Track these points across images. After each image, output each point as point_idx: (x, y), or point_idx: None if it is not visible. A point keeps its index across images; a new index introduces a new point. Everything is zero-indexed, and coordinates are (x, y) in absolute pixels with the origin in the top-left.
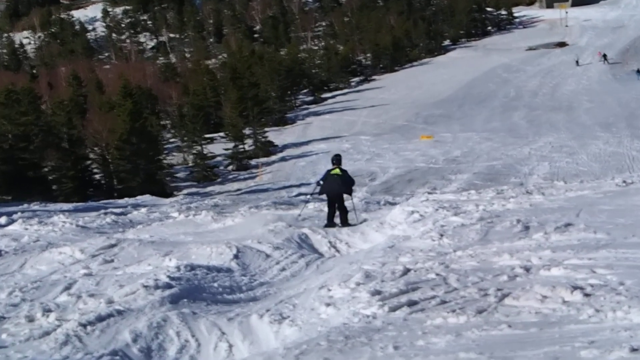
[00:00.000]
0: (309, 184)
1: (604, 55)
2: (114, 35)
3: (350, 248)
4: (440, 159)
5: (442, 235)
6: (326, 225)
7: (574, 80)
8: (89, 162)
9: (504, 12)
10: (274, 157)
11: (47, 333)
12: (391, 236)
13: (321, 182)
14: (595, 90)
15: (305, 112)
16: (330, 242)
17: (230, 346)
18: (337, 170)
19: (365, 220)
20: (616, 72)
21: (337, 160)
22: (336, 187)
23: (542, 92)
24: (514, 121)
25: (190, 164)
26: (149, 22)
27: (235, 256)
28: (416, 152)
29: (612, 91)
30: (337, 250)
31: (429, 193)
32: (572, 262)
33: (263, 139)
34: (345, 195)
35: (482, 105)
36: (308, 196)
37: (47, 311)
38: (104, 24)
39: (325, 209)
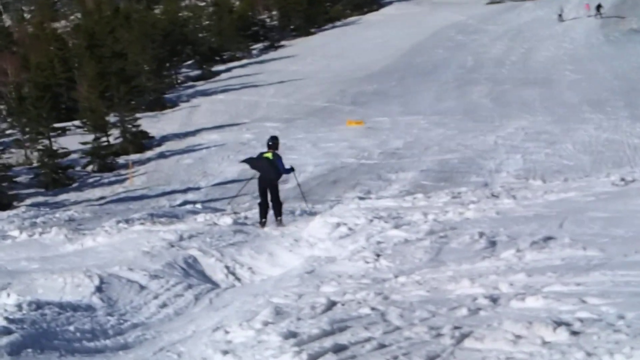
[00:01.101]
0: (198, 189)
1: (598, 6)
2: None
3: (255, 274)
4: (374, 153)
5: (378, 256)
6: (260, 223)
7: (552, 44)
8: None
9: None
10: (149, 153)
11: None
12: (310, 258)
13: (250, 158)
14: (583, 56)
15: (190, 91)
16: (227, 267)
17: None
18: (270, 155)
19: (313, 212)
20: (609, 32)
21: (273, 143)
22: (265, 171)
23: (511, 60)
24: (473, 100)
25: (35, 164)
26: None
27: (98, 289)
28: (342, 143)
29: (605, 58)
30: (237, 278)
31: (361, 198)
32: (554, 288)
33: (134, 129)
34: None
35: (430, 78)
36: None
37: None
38: None
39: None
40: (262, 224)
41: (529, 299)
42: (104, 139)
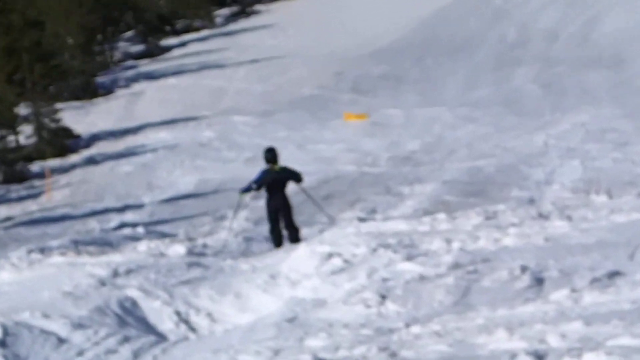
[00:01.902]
0: (140, 207)
1: None
2: None
3: (216, 323)
4: (382, 158)
5: (384, 297)
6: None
7: (624, 11)
8: None
9: None
10: (74, 158)
11: None
12: (291, 300)
13: (254, 187)
14: None
15: (131, 73)
16: (178, 313)
17: None
18: (277, 168)
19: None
20: None
21: (271, 155)
22: (282, 177)
23: (567, 32)
24: (516, 86)
25: None
26: None
27: (1, 343)
28: (338, 144)
29: None
30: (192, 328)
31: (362, 220)
32: (620, 342)
33: (53, 125)
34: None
35: (458, 57)
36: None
37: None
38: None
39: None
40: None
41: (587, 356)
42: (12, 138)
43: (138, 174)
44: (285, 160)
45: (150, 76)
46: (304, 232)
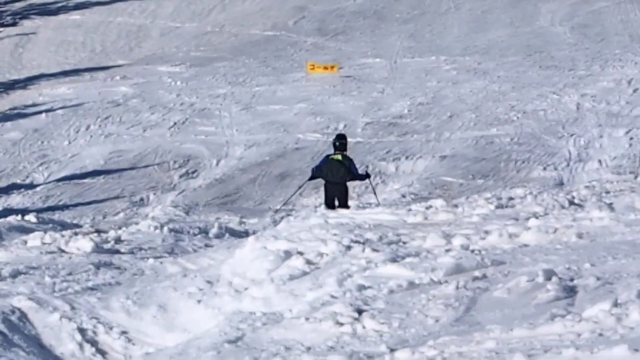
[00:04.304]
0: (30, 187)
1: None
2: None
3: (134, 345)
4: (358, 124)
5: (360, 313)
6: None
7: None
8: None
9: None
10: None
11: None
12: (235, 315)
13: (314, 169)
14: None
15: (19, 5)
16: (82, 331)
17: None
18: (339, 157)
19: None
20: None
21: (341, 143)
22: (337, 174)
23: None
24: (540, 27)
25: None
26: None
27: None
28: (299, 104)
29: None
30: (101, 351)
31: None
32: None
33: None
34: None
35: None
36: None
37: None
38: None
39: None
40: None
41: None
42: None
43: (28, 142)
44: (226, 125)
45: (46, 11)
46: (251, 221)
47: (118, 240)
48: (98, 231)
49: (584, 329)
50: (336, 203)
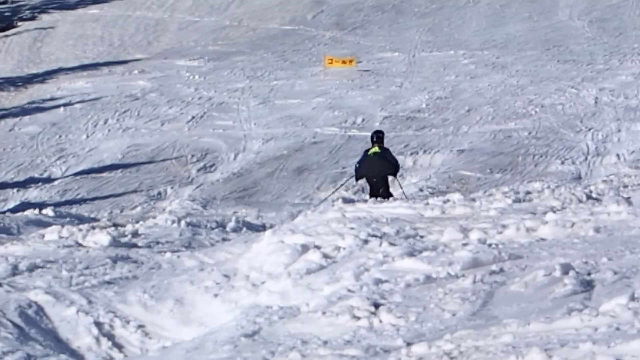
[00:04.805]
0: (48, 181)
1: None
2: None
3: (151, 339)
4: (376, 117)
5: (377, 307)
6: None
7: None
8: None
9: None
10: None
11: None
12: (252, 309)
13: (357, 166)
14: None
15: (37, 0)
16: (98, 325)
17: None
18: (376, 149)
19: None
20: None
21: (377, 137)
22: (378, 168)
23: None
24: (558, 21)
25: None
26: None
27: None
28: (317, 99)
29: None
30: (117, 345)
31: (347, 201)
32: None
33: None
34: (390, 179)
35: None
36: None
37: None
38: None
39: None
40: None
41: None
42: None
43: (46, 136)
44: (244, 119)
45: (64, 5)
46: (268, 215)
47: (135, 234)
48: (115, 225)
49: (601, 323)
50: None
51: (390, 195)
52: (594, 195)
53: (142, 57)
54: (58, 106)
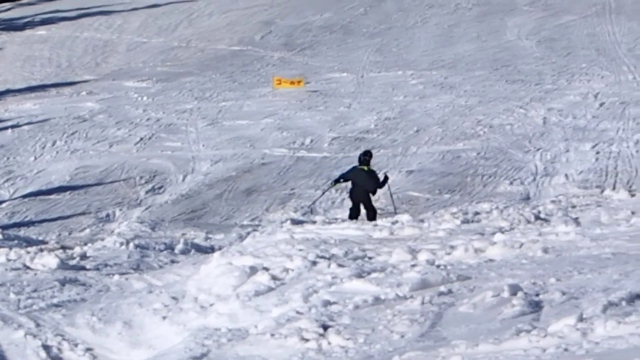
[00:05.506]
0: None
1: None
2: None
3: None
4: (325, 138)
5: (326, 328)
6: None
7: None
8: None
9: None
10: None
11: None
12: (200, 331)
13: (341, 180)
14: None
15: None
16: (46, 348)
17: None
18: (365, 168)
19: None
20: None
21: (365, 159)
22: (364, 180)
23: None
24: (507, 41)
25: None
26: None
27: None
28: (266, 120)
29: None
30: None
31: (297, 222)
32: None
33: None
34: (370, 195)
35: (430, 2)
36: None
37: None
38: None
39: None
40: None
41: None
42: None
43: None
44: (192, 140)
45: (12, 26)
46: (217, 237)
47: (84, 256)
48: (64, 247)
49: (550, 344)
50: (362, 210)
51: (373, 208)
52: (542, 215)
53: (91, 79)
54: (5, 128)
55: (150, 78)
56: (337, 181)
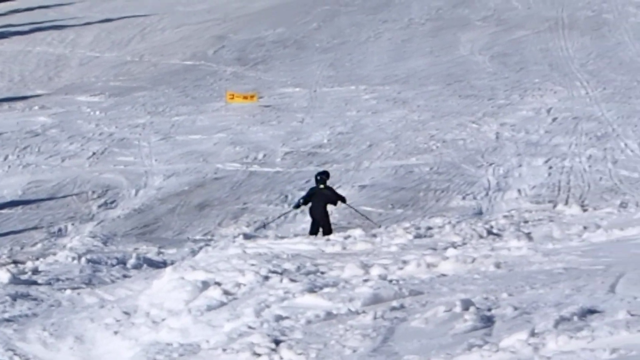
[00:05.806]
0: None
1: None
2: None
3: None
4: (277, 153)
5: (278, 343)
6: None
7: None
8: None
9: None
10: None
11: None
12: (152, 346)
13: (301, 202)
14: None
15: None
16: None
17: None
18: (323, 187)
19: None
20: None
21: (321, 178)
22: (325, 198)
23: None
24: (460, 56)
25: None
26: None
27: None
28: (218, 134)
29: None
30: None
31: (249, 237)
32: None
33: None
34: (331, 207)
35: (383, 17)
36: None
37: None
38: None
39: None
40: None
41: None
42: None
43: None
44: (145, 155)
45: None
46: (169, 251)
47: (35, 271)
48: (15, 262)
49: (502, 358)
50: (320, 230)
51: (330, 230)
52: (494, 230)
53: (43, 93)
54: None
55: (102, 92)
56: (297, 205)
